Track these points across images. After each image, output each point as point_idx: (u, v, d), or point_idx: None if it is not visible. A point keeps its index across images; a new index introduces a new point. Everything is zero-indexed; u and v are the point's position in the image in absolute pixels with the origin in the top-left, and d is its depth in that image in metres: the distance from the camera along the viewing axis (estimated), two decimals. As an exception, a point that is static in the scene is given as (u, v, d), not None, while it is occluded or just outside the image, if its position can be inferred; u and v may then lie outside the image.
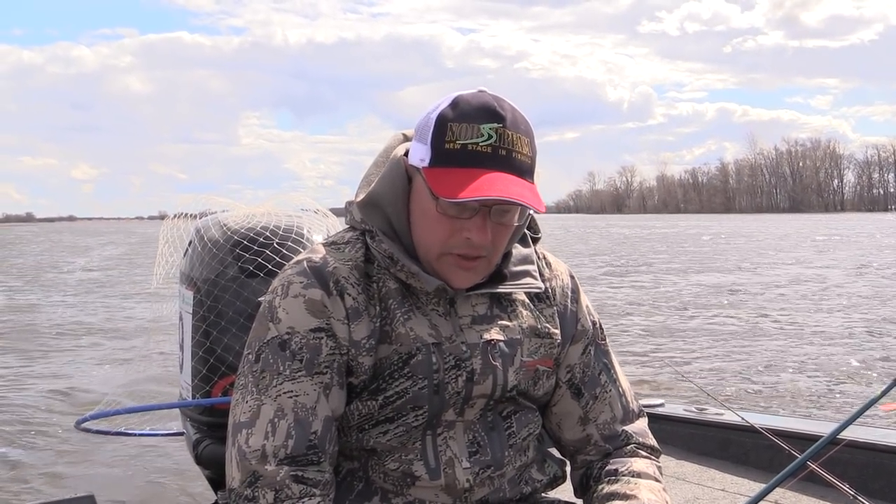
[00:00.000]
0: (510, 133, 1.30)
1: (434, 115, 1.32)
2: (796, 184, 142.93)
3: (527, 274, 1.43)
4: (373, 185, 1.39)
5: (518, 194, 1.27)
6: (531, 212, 1.46)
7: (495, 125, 1.29)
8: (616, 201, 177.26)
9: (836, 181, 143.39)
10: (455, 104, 1.31)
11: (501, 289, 1.40)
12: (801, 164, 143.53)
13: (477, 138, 1.28)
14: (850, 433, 2.75)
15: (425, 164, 1.31)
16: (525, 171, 1.31)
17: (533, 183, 1.33)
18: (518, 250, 1.45)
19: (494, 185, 1.26)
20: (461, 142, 1.29)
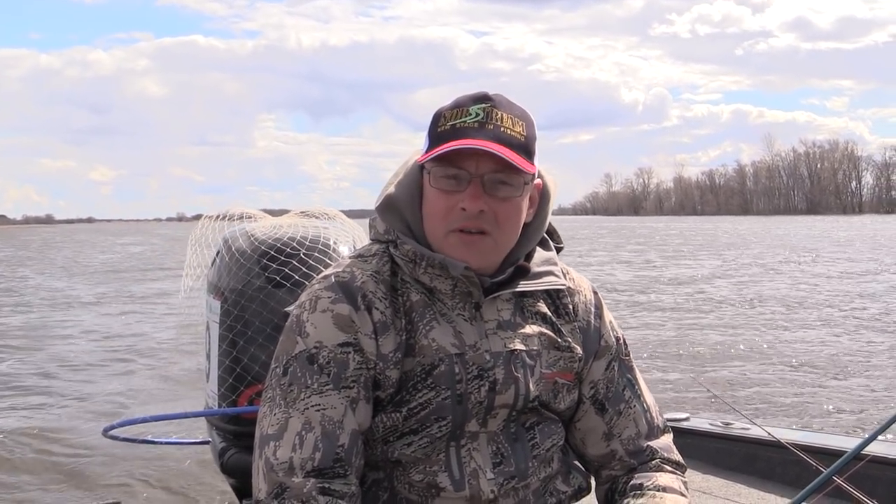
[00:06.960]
0: (499, 112, 1.34)
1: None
2: (814, 186, 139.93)
3: (550, 273, 1.45)
4: (389, 189, 1.43)
5: (496, 149, 1.29)
6: (550, 220, 1.48)
7: (483, 105, 1.34)
8: (633, 203, 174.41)
9: (854, 183, 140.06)
10: (454, 100, 1.37)
11: (524, 286, 1.41)
12: (818, 165, 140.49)
13: (465, 117, 1.33)
14: (881, 449, 2.71)
15: (423, 151, 1.37)
16: (515, 145, 1.32)
17: (525, 159, 1.33)
18: (540, 252, 1.47)
19: (470, 143, 1.30)
20: (451, 122, 1.34)
